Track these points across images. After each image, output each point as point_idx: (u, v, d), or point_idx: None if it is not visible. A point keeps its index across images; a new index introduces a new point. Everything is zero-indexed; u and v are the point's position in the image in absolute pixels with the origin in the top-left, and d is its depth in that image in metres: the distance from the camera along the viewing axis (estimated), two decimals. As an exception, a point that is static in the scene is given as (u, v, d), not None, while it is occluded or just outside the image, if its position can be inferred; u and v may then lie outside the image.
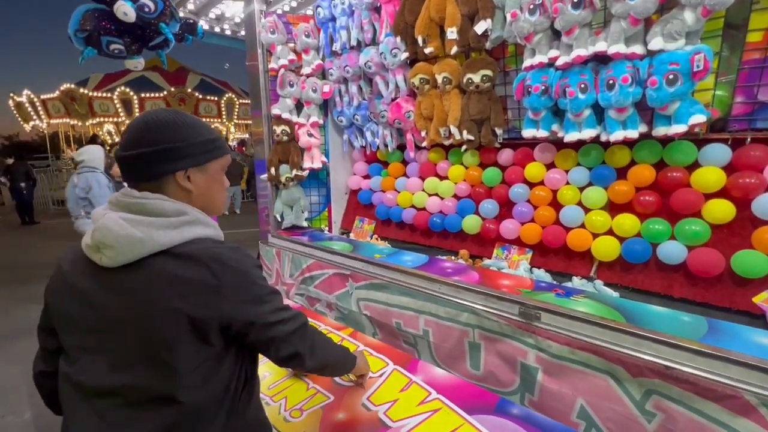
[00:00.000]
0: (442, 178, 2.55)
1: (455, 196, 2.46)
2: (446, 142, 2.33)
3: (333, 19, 2.62)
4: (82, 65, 2.05)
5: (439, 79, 2.19)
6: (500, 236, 2.21)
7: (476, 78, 2.04)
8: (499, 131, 2.13)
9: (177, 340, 0.71)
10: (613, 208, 1.89)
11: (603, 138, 1.70)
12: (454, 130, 2.20)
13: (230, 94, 13.10)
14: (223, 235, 0.84)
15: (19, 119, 12.97)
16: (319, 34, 2.74)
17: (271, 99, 2.87)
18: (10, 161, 9.93)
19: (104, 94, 11.55)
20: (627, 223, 1.77)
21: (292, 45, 2.77)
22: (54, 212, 9.99)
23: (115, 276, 0.72)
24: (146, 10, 2.00)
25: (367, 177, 3.03)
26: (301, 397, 1.07)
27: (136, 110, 11.74)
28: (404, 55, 2.30)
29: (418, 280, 1.89)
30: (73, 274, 0.76)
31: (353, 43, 2.53)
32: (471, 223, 2.31)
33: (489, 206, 2.26)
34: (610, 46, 1.53)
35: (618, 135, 1.63)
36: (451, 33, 2.04)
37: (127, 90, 11.49)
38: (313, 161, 2.86)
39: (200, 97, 12.39)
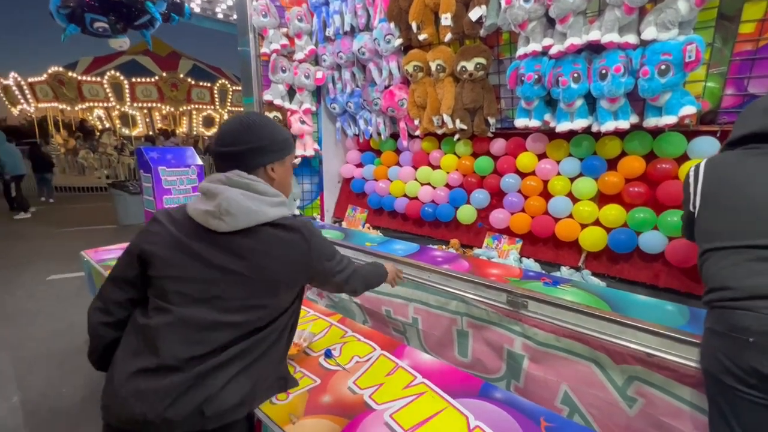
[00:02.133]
0: (434, 167, 2.54)
1: (447, 185, 2.46)
2: (439, 131, 2.32)
3: (326, 3, 2.58)
4: (64, 43, 1.99)
5: (433, 66, 2.17)
6: (491, 226, 2.22)
7: (470, 66, 2.02)
8: (491, 120, 2.12)
9: (281, 287, 0.93)
10: (601, 198, 1.90)
11: (594, 128, 1.71)
12: (447, 118, 2.18)
13: (223, 80, 12.89)
14: None
15: (6, 103, 12.67)
16: (312, 19, 2.69)
17: (264, 85, 2.83)
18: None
19: (94, 78, 11.31)
20: (613, 213, 1.79)
21: (284, 30, 2.72)
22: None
23: (227, 239, 0.88)
24: (132, -13, 1.94)
25: (359, 165, 3.01)
26: (288, 381, 1.08)
27: (127, 95, 11.51)
28: (398, 42, 2.27)
29: (409, 269, 1.89)
30: (180, 233, 0.90)
31: (347, 28, 2.49)
32: (464, 214, 2.31)
33: (480, 196, 2.26)
34: (603, 35, 1.52)
35: (609, 125, 1.63)
36: (446, 19, 2.02)
37: (117, 74, 11.24)
38: (305, 149, 2.83)
39: (193, 83, 12.17)
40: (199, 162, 3.47)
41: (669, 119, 1.50)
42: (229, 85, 12.93)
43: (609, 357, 1.29)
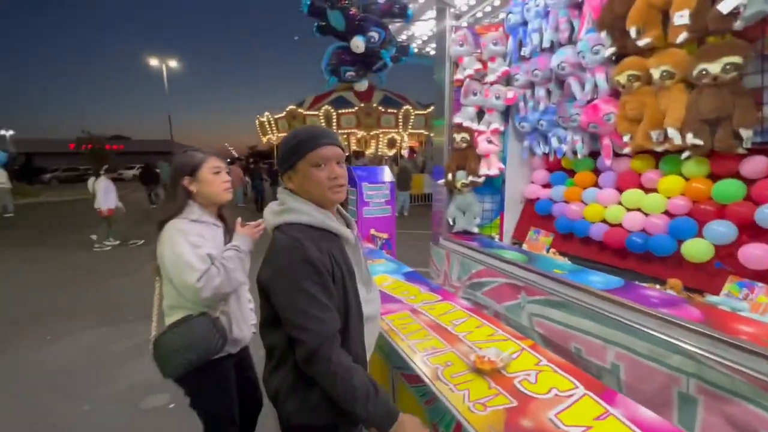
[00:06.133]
0: (647, 190, 2.15)
1: (667, 212, 2.04)
2: (659, 148, 1.96)
3: (524, 23, 2.56)
4: (328, 89, 2.74)
5: (656, 73, 1.86)
6: (737, 268, 1.71)
7: (714, 68, 1.64)
8: (745, 133, 1.65)
9: (267, 292, 0.97)
10: None
11: None
12: (672, 133, 1.82)
13: (407, 107, 14.34)
14: (324, 222, 0.98)
15: (260, 134, 17.57)
16: (508, 41, 2.72)
17: (454, 108, 3.02)
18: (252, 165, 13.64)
19: (313, 112, 14.45)
20: None
21: (477, 54, 2.84)
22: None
23: None
24: (372, 41, 2.51)
25: (547, 186, 2.82)
26: (483, 394, 1.09)
27: (334, 124, 14.19)
28: (609, 51, 2.05)
29: (611, 306, 1.65)
30: None
31: (545, 45, 2.41)
32: (693, 249, 1.86)
33: (721, 228, 1.78)
34: None
35: None
36: (681, 17, 1.70)
37: (329, 108, 14.02)
38: (490, 167, 2.85)
39: (382, 110, 14.03)
40: (391, 179, 3.96)
41: None
42: (411, 111, 14.31)
43: None
